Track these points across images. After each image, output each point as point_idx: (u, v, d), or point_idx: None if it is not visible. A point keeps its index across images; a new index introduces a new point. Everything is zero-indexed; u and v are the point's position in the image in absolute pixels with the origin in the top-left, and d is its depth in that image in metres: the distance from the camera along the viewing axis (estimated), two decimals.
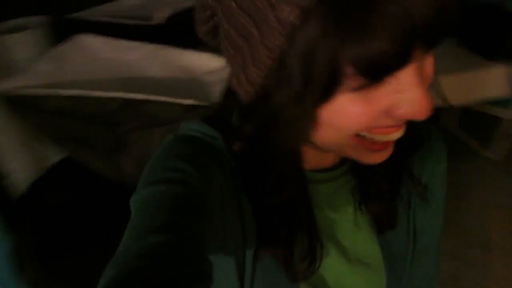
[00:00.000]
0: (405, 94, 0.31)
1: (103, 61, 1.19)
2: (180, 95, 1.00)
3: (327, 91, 0.29)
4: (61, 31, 1.49)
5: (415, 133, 0.45)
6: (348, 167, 0.47)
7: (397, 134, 0.35)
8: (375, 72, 0.28)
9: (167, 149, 0.41)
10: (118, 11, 1.66)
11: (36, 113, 1.15)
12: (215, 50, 1.25)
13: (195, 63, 1.08)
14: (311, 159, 0.43)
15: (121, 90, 1.02)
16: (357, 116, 0.31)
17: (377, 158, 0.37)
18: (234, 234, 0.40)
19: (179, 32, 1.46)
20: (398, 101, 0.31)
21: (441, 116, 2.31)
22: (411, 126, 0.38)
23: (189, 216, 0.33)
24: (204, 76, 1.12)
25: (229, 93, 0.40)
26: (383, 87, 0.31)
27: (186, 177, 0.36)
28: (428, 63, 0.33)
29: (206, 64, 1.11)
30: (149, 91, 1.01)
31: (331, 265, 0.45)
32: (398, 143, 0.38)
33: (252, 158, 0.40)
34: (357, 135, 0.34)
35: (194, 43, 1.29)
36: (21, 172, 1.20)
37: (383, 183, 0.46)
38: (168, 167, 0.37)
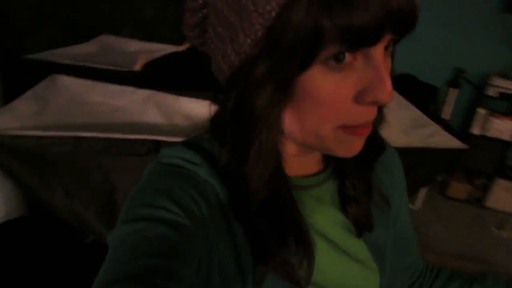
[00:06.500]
0: (372, 75, 0.34)
1: (91, 105, 1.16)
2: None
3: (308, 57, 0.32)
4: (13, 71, 1.40)
5: (378, 137, 0.48)
6: (330, 171, 0.48)
7: (372, 116, 0.38)
8: (354, 40, 0.31)
9: (147, 182, 0.40)
10: (78, 56, 1.62)
11: (9, 154, 1.06)
12: (207, 98, 1.28)
13: (195, 110, 1.11)
14: (296, 166, 0.44)
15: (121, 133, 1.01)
16: (329, 92, 0.34)
17: (355, 147, 0.39)
18: (227, 265, 0.39)
19: (156, 78, 1.48)
20: (366, 85, 0.34)
21: None
22: (373, 132, 0.43)
23: (168, 260, 0.32)
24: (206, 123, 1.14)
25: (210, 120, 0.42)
26: (353, 68, 0.34)
27: (166, 214, 0.36)
28: (388, 58, 0.37)
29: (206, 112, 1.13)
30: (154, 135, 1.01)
31: (332, 268, 0.46)
32: (365, 146, 0.40)
33: (237, 168, 0.39)
34: (339, 127, 0.37)
35: (174, 88, 1.32)
36: None
37: (359, 183, 0.48)
38: (147, 203, 0.37)
